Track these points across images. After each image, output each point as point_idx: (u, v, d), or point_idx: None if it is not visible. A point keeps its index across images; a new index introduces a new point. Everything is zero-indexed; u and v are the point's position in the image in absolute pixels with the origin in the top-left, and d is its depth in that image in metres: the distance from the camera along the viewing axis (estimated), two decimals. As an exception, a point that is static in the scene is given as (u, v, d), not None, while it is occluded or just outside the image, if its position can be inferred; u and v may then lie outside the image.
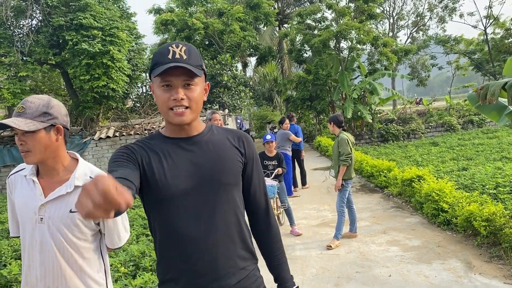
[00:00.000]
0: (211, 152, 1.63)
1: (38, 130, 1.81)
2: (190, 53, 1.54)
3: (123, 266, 4.71)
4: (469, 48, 28.41)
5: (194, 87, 1.55)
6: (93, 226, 1.96)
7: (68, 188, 1.87)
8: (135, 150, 1.59)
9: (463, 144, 14.01)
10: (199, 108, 1.60)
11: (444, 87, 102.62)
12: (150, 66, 1.59)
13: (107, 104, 12.97)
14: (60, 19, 11.28)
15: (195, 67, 1.53)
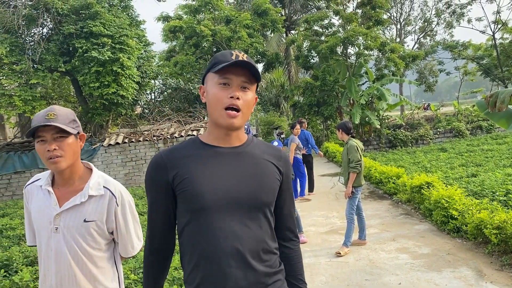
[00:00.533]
0: (251, 166, 1.60)
1: (71, 135, 1.88)
2: (251, 61, 1.54)
3: (133, 273, 4.74)
4: (477, 54, 28.26)
5: (249, 92, 1.56)
6: (107, 235, 1.99)
7: (82, 198, 1.91)
8: (166, 169, 1.56)
9: (472, 150, 13.92)
10: (248, 115, 1.59)
11: (452, 93, 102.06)
12: (208, 67, 1.60)
13: (116, 111, 13.09)
14: (71, 27, 11.43)
15: (256, 73, 1.55)
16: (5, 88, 11.36)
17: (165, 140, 12.55)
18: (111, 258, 2.06)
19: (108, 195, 1.96)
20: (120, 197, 2.00)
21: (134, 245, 2.08)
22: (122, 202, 2.00)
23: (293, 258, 1.74)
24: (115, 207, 1.97)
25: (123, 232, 2.02)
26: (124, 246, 2.06)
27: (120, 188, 2.03)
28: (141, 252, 5.25)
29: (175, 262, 4.88)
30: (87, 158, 12.38)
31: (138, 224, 2.13)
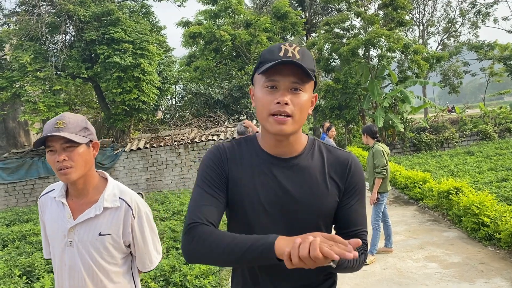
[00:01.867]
0: (303, 182, 1.43)
1: (81, 144, 1.78)
2: (304, 54, 1.36)
3: (153, 281, 4.66)
4: (504, 54, 27.46)
5: (303, 94, 1.36)
6: (123, 249, 1.89)
7: (97, 211, 1.81)
8: (224, 161, 1.48)
9: (501, 154, 13.45)
10: (303, 120, 1.40)
11: (477, 94, 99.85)
12: (255, 67, 1.44)
13: (138, 116, 13.15)
14: (92, 34, 11.54)
15: (308, 70, 1.34)
16: (29, 95, 11.53)
17: (186, 145, 12.53)
18: (128, 273, 1.95)
19: (124, 207, 1.86)
20: (136, 209, 1.89)
21: (152, 258, 1.97)
22: (139, 213, 1.90)
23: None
24: (132, 219, 1.87)
25: (140, 246, 1.91)
26: (142, 260, 1.95)
27: (137, 198, 1.92)
28: (162, 260, 5.19)
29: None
30: (110, 163, 12.46)
31: (157, 236, 2.02)
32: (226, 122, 14.69)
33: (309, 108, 1.42)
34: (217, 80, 16.78)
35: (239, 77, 16.00)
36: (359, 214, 1.50)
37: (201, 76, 17.59)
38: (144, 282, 4.62)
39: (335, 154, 1.51)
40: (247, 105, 15.53)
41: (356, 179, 1.49)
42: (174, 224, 7.23)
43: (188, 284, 4.59)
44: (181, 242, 1.40)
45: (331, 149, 1.53)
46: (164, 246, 6.04)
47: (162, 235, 6.67)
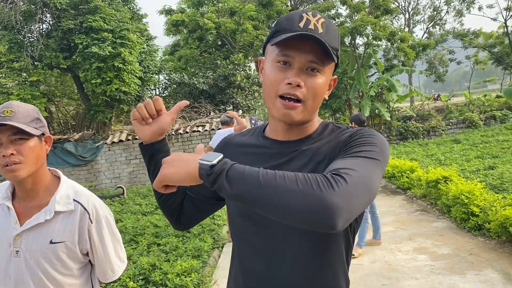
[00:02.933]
0: (299, 164, 1.17)
1: (33, 137, 1.53)
2: (328, 28, 1.11)
3: (132, 281, 4.42)
4: (489, 42, 27.60)
5: (319, 76, 1.13)
6: (80, 258, 1.64)
7: (47, 215, 1.56)
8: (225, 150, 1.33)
9: (487, 141, 13.44)
10: (316, 107, 1.17)
11: (462, 83, 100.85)
12: (269, 35, 1.18)
13: (119, 107, 12.79)
14: (70, 23, 11.12)
15: (331, 49, 1.10)
16: (4, 86, 11.10)
17: (170, 136, 12.24)
18: (87, 284, 1.71)
19: (79, 210, 1.61)
20: (94, 212, 1.64)
21: (114, 267, 1.73)
22: (97, 218, 1.65)
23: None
24: (89, 224, 1.62)
25: (100, 254, 1.67)
26: (102, 269, 1.70)
27: (95, 201, 1.67)
28: (141, 258, 4.95)
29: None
30: (91, 156, 12.12)
31: (120, 242, 1.77)
32: (212, 112, 14.39)
33: (325, 93, 1.19)
34: (201, 70, 16.43)
35: (225, 66, 15.68)
36: (341, 159, 1.05)
37: (185, 65, 17.21)
38: (122, 282, 4.38)
39: (346, 130, 1.21)
40: (233, 95, 15.24)
41: (359, 135, 1.13)
42: (157, 219, 6.99)
43: (169, 282, 4.37)
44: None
45: (346, 129, 1.23)
46: (145, 242, 5.81)
47: (143, 230, 6.43)
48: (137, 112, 1.30)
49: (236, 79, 15.19)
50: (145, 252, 5.44)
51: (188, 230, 6.29)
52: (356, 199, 0.93)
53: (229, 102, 15.23)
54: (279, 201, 0.91)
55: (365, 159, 1.03)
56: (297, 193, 0.90)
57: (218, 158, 0.99)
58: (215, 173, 0.96)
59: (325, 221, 0.89)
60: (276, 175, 0.94)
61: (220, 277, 4.93)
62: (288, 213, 0.91)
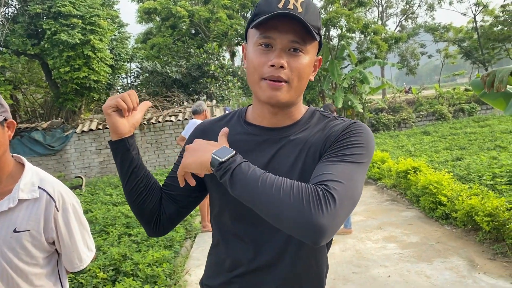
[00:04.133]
0: (291, 158, 1.16)
1: None
2: (308, 7, 1.09)
3: (102, 271, 4.35)
4: (458, 36, 28.27)
5: (303, 56, 1.11)
6: (46, 247, 1.58)
7: (10, 203, 1.50)
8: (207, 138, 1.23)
9: (455, 133, 13.83)
10: (301, 88, 1.15)
11: (432, 76, 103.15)
12: (249, 19, 1.16)
13: (90, 95, 12.48)
14: (37, 7, 10.73)
15: (312, 27, 1.08)
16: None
17: (141, 126, 12.05)
18: (53, 274, 1.66)
19: (44, 198, 1.55)
20: (60, 200, 1.59)
21: (82, 256, 1.68)
22: (63, 205, 1.60)
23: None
24: (55, 212, 1.57)
25: (66, 243, 1.62)
26: (69, 258, 1.65)
27: (61, 188, 1.62)
28: (112, 248, 4.87)
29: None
30: (60, 145, 11.82)
31: (87, 231, 1.72)
32: (185, 102, 14.23)
33: (310, 73, 1.17)
34: (174, 59, 16.19)
35: (198, 55, 15.48)
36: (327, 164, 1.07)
37: (158, 54, 16.93)
38: (92, 273, 4.30)
39: (336, 123, 1.20)
40: (207, 84, 15.10)
41: (348, 133, 1.13)
42: (128, 209, 6.89)
43: (140, 273, 4.31)
44: None
45: (334, 119, 1.23)
46: (116, 232, 5.71)
47: (114, 220, 6.33)
48: (123, 102, 1.19)
49: (210, 68, 15.06)
50: (115, 242, 5.35)
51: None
52: (342, 217, 0.98)
53: (202, 91, 15.09)
54: (272, 210, 0.97)
55: (353, 165, 1.06)
56: (288, 207, 0.95)
57: (229, 155, 1.02)
58: (223, 169, 1.01)
59: (310, 238, 0.95)
60: (274, 183, 0.97)
61: (193, 267, 4.91)
62: (278, 222, 0.98)
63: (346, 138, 1.12)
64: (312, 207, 0.93)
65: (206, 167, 1.05)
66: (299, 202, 0.94)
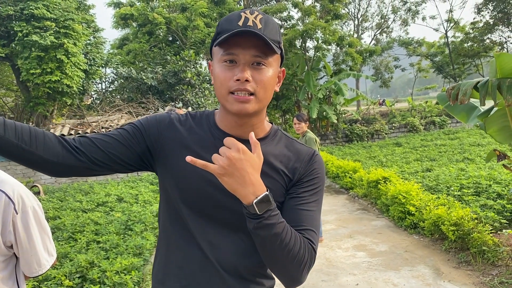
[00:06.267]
0: (264, 179, 1.19)
1: None
2: (267, 23, 1.16)
3: (67, 279, 4.25)
4: (431, 51, 29.08)
5: (266, 69, 1.17)
6: (3, 251, 1.55)
7: None
8: (169, 128, 1.29)
9: (426, 145, 14.14)
10: (267, 98, 1.21)
11: (406, 89, 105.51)
12: (213, 38, 1.22)
13: (62, 100, 12.24)
14: (9, 8, 10.51)
15: (272, 41, 1.15)
16: None
17: (115, 132, 11.88)
18: (11, 278, 1.62)
19: (3, 200, 1.52)
20: (20, 202, 1.56)
21: (41, 261, 1.65)
22: (23, 208, 1.56)
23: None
24: (13, 215, 1.53)
25: (25, 247, 1.58)
26: (28, 263, 1.62)
27: (21, 190, 1.59)
28: (79, 256, 4.77)
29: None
30: (30, 150, 11.51)
31: (48, 235, 1.69)
32: (160, 109, 14.11)
33: (275, 85, 1.23)
34: (150, 65, 16.07)
35: (175, 62, 15.41)
36: (309, 212, 1.24)
37: (133, 59, 16.77)
38: (57, 280, 4.20)
39: (297, 146, 1.34)
40: (183, 92, 15.04)
41: (316, 173, 1.29)
42: (98, 216, 6.76)
43: (107, 280, 4.23)
44: None
45: (293, 141, 1.35)
46: (84, 239, 5.59)
47: (83, 227, 6.20)
48: None
49: (187, 75, 15.01)
50: (83, 249, 5.24)
51: (130, 228, 6.16)
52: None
53: (178, 98, 15.01)
54: (276, 265, 1.17)
55: (319, 210, 1.29)
56: (291, 268, 1.16)
57: (266, 209, 1.10)
58: (255, 219, 1.10)
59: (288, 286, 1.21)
60: (288, 245, 1.13)
61: (162, 274, 4.84)
62: (275, 272, 1.20)
63: (315, 183, 1.28)
64: (305, 271, 1.17)
65: (241, 199, 1.11)
66: (298, 266, 1.15)
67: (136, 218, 6.51)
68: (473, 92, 3.84)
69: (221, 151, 1.08)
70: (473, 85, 3.77)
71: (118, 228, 6.07)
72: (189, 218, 1.26)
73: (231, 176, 1.07)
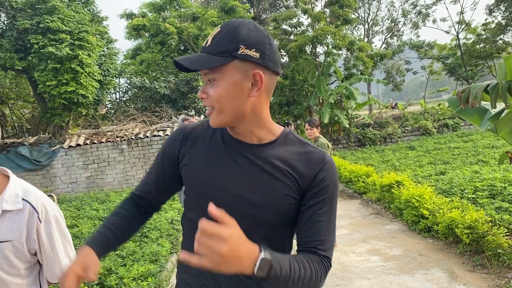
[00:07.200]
0: (258, 176, 1.27)
1: None
2: (217, 36, 1.20)
3: (86, 286, 4.35)
4: (442, 53, 28.87)
5: (217, 82, 1.20)
6: (28, 258, 1.63)
7: None
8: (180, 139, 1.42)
9: (439, 148, 14.04)
10: (230, 108, 1.22)
11: (418, 92, 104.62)
12: None
13: (77, 110, 12.48)
14: (26, 22, 10.78)
15: (216, 54, 1.17)
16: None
17: (129, 141, 12.06)
18: (35, 284, 1.70)
19: (27, 210, 1.60)
20: (43, 212, 1.64)
21: (63, 267, 1.73)
22: (46, 217, 1.65)
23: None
24: (37, 223, 1.62)
25: (48, 254, 1.67)
26: (51, 269, 1.70)
27: (44, 200, 1.67)
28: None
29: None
30: (47, 160, 11.75)
31: (70, 242, 1.77)
32: (173, 117, 14.29)
33: (235, 94, 1.21)
34: (163, 74, 16.28)
35: (186, 71, 15.55)
36: (320, 223, 1.27)
37: (146, 69, 17.01)
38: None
39: (308, 149, 1.33)
40: (195, 100, 15.19)
41: (327, 180, 1.28)
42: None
43: (125, 287, 4.33)
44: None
45: (306, 144, 1.35)
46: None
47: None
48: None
49: (199, 84, 15.16)
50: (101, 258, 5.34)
51: (146, 235, 6.26)
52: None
53: (191, 107, 15.17)
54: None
55: (334, 217, 1.32)
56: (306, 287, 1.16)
57: (267, 270, 1.05)
58: (264, 280, 1.07)
59: None
60: (301, 275, 1.14)
61: (178, 281, 4.91)
62: None
63: (325, 187, 1.27)
64: (322, 283, 1.23)
65: (242, 272, 1.05)
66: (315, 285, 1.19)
67: (151, 225, 6.61)
68: (484, 95, 3.86)
69: (197, 240, 1.00)
70: (483, 88, 3.79)
71: (134, 236, 6.17)
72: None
73: (221, 265, 1.00)
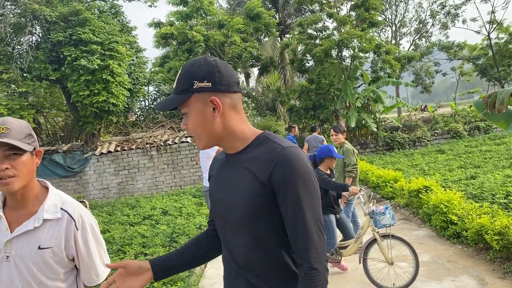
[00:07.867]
0: (233, 178, 1.49)
1: (26, 152, 1.65)
2: (180, 77, 1.45)
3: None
4: (473, 54, 28.14)
5: (188, 114, 1.43)
6: (66, 263, 1.77)
7: (36, 222, 1.69)
8: (212, 168, 1.69)
9: (470, 151, 13.71)
10: (204, 133, 1.44)
11: (449, 93, 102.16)
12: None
13: (108, 118, 12.86)
14: (59, 35, 11.22)
15: (179, 93, 1.43)
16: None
17: (158, 147, 12.33)
18: (73, 287, 1.84)
19: (66, 218, 1.74)
20: (80, 220, 1.78)
21: (98, 272, 1.86)
22: (82, 225, 1.79)
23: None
24: (75, 231, 1.76)
25: (85, 259, 1.80)
26: (87, 274, 1.84)
27: (80, 209, 1.81)
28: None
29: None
30: (80, 167, 12.16)
31: (104, 249, 1.91)
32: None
33: (203, 120, 1.42)
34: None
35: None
36: (296, 224, 1.35)
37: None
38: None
39: (268, 147, 1.41)
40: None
41: (283, 180, 1.34)
42: (144, 229, 7.08)
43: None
44: None
45: (270, 141, 1.43)
46: (132, 252, 5.89)
47: (131, 240, 6.51)
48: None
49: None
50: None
51: (175, 240, 6.42)
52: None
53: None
54: None
55: (313, 225, 1.35)
56: None
57: None
58: None
59: None
60: None
61: (206, 285, 5.03)
62: None
63: (287, 184, 1.34)
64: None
65: None
66: None
67: (180, 231, 6.76)
68: (510, 100, 3.81)
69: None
70: (510, 92, 3.74)
71: (163, 241, 6.34)
72: (217, 225, 1.61)
73: None
